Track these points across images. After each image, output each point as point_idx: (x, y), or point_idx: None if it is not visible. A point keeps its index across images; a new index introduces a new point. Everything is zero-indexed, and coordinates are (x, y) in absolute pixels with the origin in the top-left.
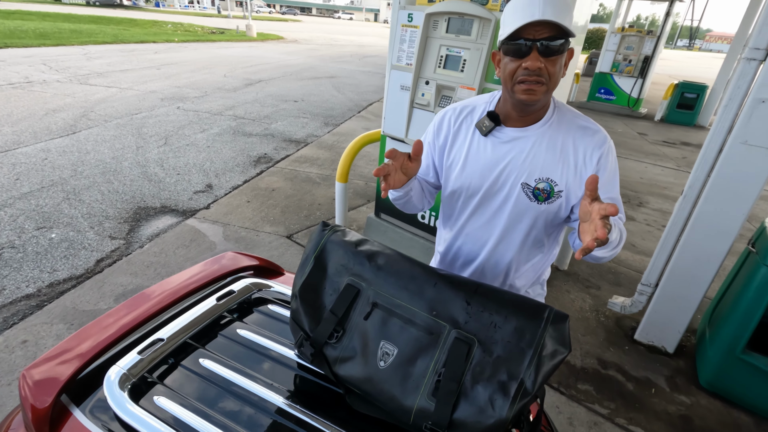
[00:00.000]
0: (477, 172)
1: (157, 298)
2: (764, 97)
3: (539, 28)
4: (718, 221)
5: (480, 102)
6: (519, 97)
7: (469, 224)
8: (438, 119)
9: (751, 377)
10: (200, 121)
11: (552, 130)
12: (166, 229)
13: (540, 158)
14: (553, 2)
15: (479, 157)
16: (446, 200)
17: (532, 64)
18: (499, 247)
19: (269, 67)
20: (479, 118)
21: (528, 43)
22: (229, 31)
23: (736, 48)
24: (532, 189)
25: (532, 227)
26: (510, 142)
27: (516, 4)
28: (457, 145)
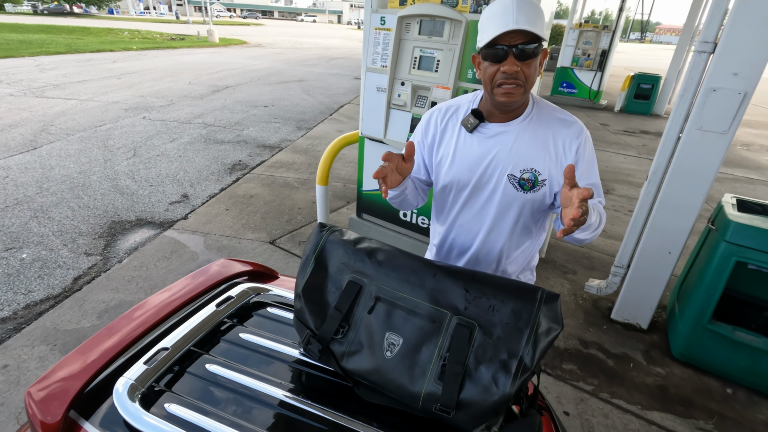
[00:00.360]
0: (465, 167)
1: (155, 308)
2: (715, 86)
3: (514, 35)
4: (680, 203)
5: (464, 101)
6: (499, 99)
7: (461, 216)
8: (425, 120)
9: (718, 345)
10: (169, 131)
11: (532, 124)
12: (144, 242)
13: (523, 150)
14: (525, 11)
15: (466, 152)
16: (438, 195)
17: (509, 68)
18: (490, 235)
19: (235, 72)
20: (464, 116)
21: (504, 49)
22: (189, 37)
23: (684, 39)
24: (518, 179)
25: (520, 215)
26: (494, 137)
27: (492, 12)
28: (444, 143)
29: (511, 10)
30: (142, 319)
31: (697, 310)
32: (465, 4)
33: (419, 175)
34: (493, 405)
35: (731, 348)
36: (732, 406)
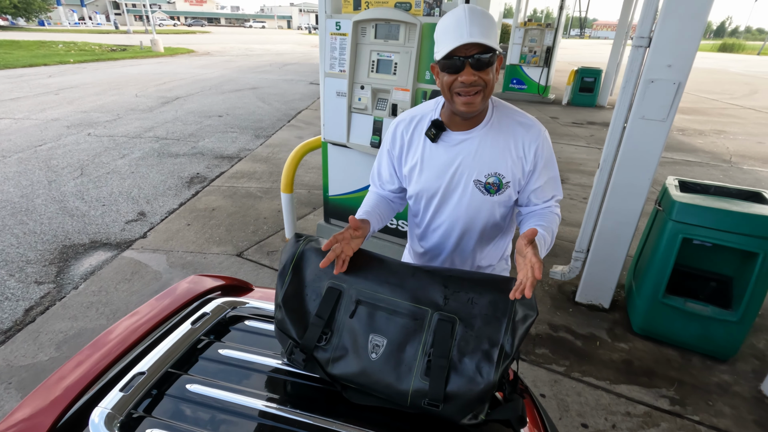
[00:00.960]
0: (433, 175)
1: (126, 332)
2: (653, 78)
3: (469, 46)
4: (630, 187)
5: (427, 110)
6: (459, 108)
7: (434, 221)
8: (392, 131)
9: (673, 317)
10: (118, 147)
11: (494, 129)
12: (101, 265)
13: (486, 156)
14: (478, 23)
15: (433, 161)
16: (411, 202)
17: (466, 78)
18: (463, 238)
19: (184, 82)
20: (428, 125)
21: (461, 60)
22: (131, 47)
23: (620, 34)
24: (484, 184)
25: (490, 216)
26: (458, 144)
27: (446, 24)
28: (411, 153)
29: (464, 22)
30: (113, 345)
31: (652, 286)
32: (418, 7)
33: (394, 184)
34: (479, 394)
35: (684, 319)
36: (689, 372)
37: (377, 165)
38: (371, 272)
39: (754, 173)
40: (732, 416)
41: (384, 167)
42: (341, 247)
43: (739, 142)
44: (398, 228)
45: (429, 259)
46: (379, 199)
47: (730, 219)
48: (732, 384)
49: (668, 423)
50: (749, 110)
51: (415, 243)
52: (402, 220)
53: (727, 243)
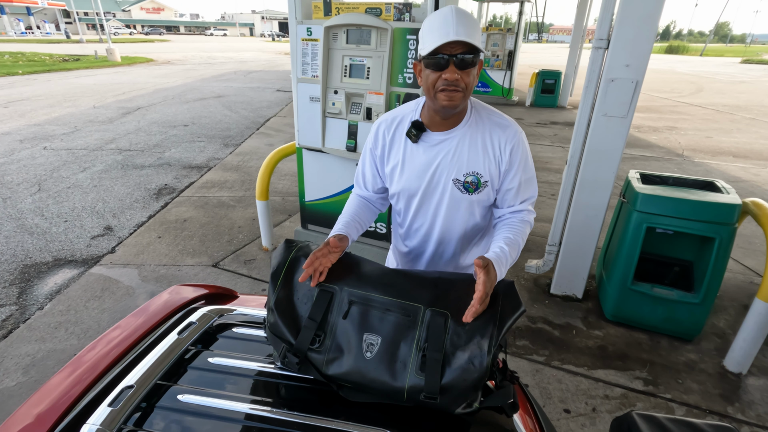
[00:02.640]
0: (414, 175)
1: (110, 346)
2: (613, 77)
3: (454, 45)
4: (596, 180)
5: (408, 111)
6: (441, 103)
7: (415, 221)
8: (373, 132)
9: (642, 302)
10: (77, 160)
11: (472, 129)
12: (67, 283)
13: (465, 155)
14: (464, 23)
15: (414, 161)
16: (393, 202)
17: (450, 75)
18: (444, 237)
19: (145, 92)
20: (408, 127)
21: (446, 58)
22: (86, 57)
23: (576, 38)
24: (462, 183)
25: (470, 215)
26: (438, 144)
27: (432, 23)
28: (393, 153)
29: (451, 21)
30: (96, 360)
31: (621, 275)
32: (388, 13)
33: (376, 184)
34: (473, 382)
35: (652, 303)
36: (659, 353)
37: (361, 166)
38: (362, 274)
39: (704, 165)
40: (700, 392)
41: (367, 167)
42: (319, 262)
43: (690, 137)
44: (376, 230)
45: (413, 258)
46: (360, 204)
47: (689, 207)
48: (698, 362)
49: (643, 402)
50: (696, 107)
51: (399, 242)
52: (380, 222)
53: (687, 230)
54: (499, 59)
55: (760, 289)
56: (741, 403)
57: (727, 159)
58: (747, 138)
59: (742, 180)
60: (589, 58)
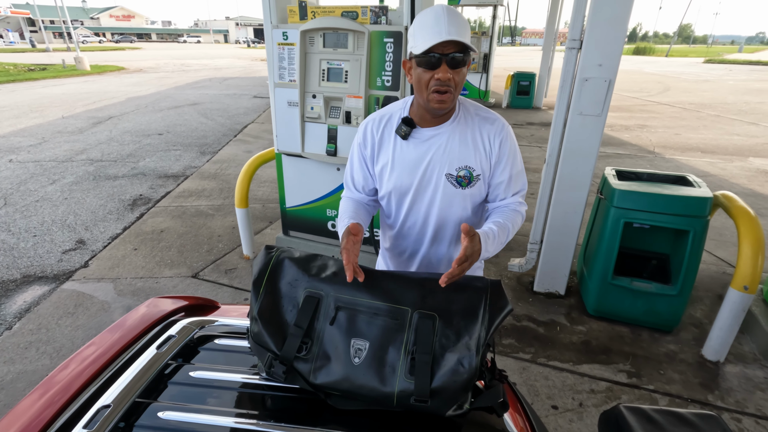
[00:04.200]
0: (406, 172)
1: (84, 365)
2: (587, 77)
3: (447, 44)
4: (574, 178)
5: (395, 109)
6: (433, 106)
7: (408, 219)
8: (361, 132)
9: (622, 296)
10: (46, 172)
11: (461, 124)
12: (37, 300)
13: (456, 150)
14: (456, 22)
15: (405, 158)
16: (384, 202)
17: (443, 75)
18: (438, 234)
19: (117, 101)
20: (397, 123)
21: (438, 57)
22: (53, 66)
23: (548, 40)
24: (455, 177)
25: (463, 210)
26: (428, 140)
27: (424, 21)
28: (383, 152)
29: (443, 20)
30: (69, 380)
31: (601, 270)
32: (365, 16)
33: (368, 185)
34: (463, 384)
35: (632, 297)
36: (640, 345)
37: (350, 168)
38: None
39: (674, 161)
40: (681, 381)
41: (357, 169)
42: (352, 256)
43: (660, 134)
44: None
45: (407, 258)
46: (357, 205)
47: (663, 202)
48: (678, 352)
49: (628, 395)
50: (664, 106)
51: (391, 245)
52: None
53: (663, 224)
54: (474, 62)
55: (733, 279)
56: (720, 390)
57: (695, 155)
58: (713, 134)
59: (710, 174)
60: (564, 59)
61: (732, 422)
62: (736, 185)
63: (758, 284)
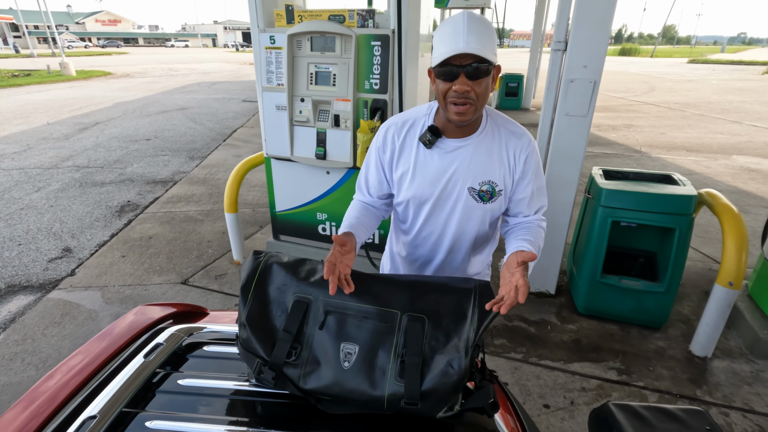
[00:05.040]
0: (427, 181)
1: (69, 375)
2: (572, 78)
3: (465, 55)
4: (562, 178)
5: (420, 115)
6: (451, 117)
7: (425, 229)
8: (381, 136)
9: (611, 294)
10: (31, 180)
11: (487, 138)
12: (22, 310)
13: (481, 164)
14: (476, 32)
15: (427, 167)
16: (401, 208)
17: (460, 87)
18: (455, 246)
19: (103, 107)
20: (421, 131)
21: (456, 68)
22: (38, 72)
23: (535, 42)
24: (478, 191)
25: (481, 223)
26: (453, 151)
27: (444, 31)
28: (404, 158)
29: (462, 31)
30: (55, 391)
31: (590, 269)
32: (352, 19)
33: (382, 190)
34: (453, 385)
35: (621, 295)
36: (630, 342)
37: (365, 171)
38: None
39: (661, 160)
40: (670, 377)
41: (372, 172)
42: (337, 269)
43: (646, 133)
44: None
45: (419, 266)
46: (363, 208)
47: (650, 200)
48: (666, 349)
49: (618, 392)
50: (650, 105)
51: (403, 251)
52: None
53: (649, 222)
54: None
55: (719, 275)
56: (708, 385)
57: (680, 153)
58: (697, 133)
59: (695, 173)
60: (549, 60)
61: (720, 417)
62: (721, 183)
63: (743, 280)
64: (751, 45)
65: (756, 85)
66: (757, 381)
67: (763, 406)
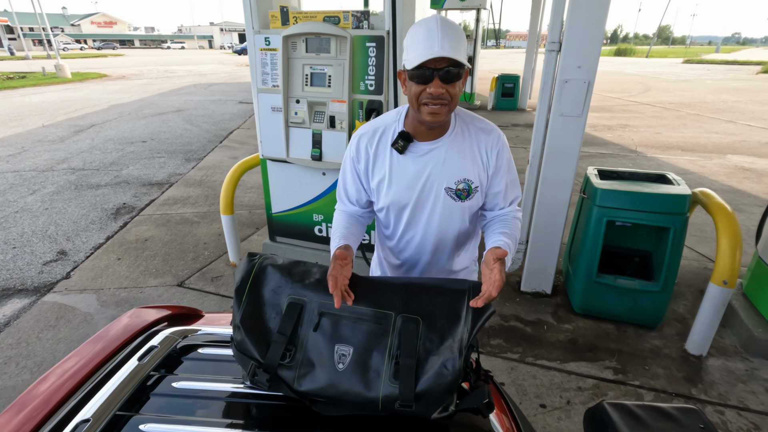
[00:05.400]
0: (404, 187)
1: (63, 377)
2: (567, 78)
3: (439, 59)
4: (557, 178)
5: (389, 121)
6: (425, 118)
7: (408, 232)
8: (354, 145)
9: (607, 294)
10: (26, 182)
11: (458, 137)
12: (17, 314)
13: (455, 163)
14: (449, 36)
15: (402, 173)
16: (381, 214)
17: (435, 90)
18: (439, 245)
19: (99, 109)
20: (392, 138)
21: (430, 71)
22: (33, 74)
23: (531, 43)
24: (455, 191)
25: (461, 222)
26: (426, 154)
27: (418, 34)
28: (378, 166)
29: (436, 35)
30: (49, 394)
31: (586, 268)
32: (347, 21)
33: (361, 199)
34: (447, 386)
35: (616, 294)
36: (625, 342)
37: (342, 182)
38: None
39: (656, 160)
40: (665, 376)
41: (350, 183)
42: (339, 282)
43: (641, 133)
44: (326, 236)
45: (406, 270)
46: (349, 219)
47: (644, 200)
48: (662, 347)
49: (614, 391)
50: (646, 105)
51: (390, 256)
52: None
53: (644, 221)
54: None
55: (713, 274)
56: (703, 384)
57: (676, 153)
58: (692, 133)
59: (690, 172)
60: (544, 61)
61: (715, 415)
62: (715, 182)
63: (737, 278)
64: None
65: (750, 84)
66: (752, 379)
67: (758, 404)
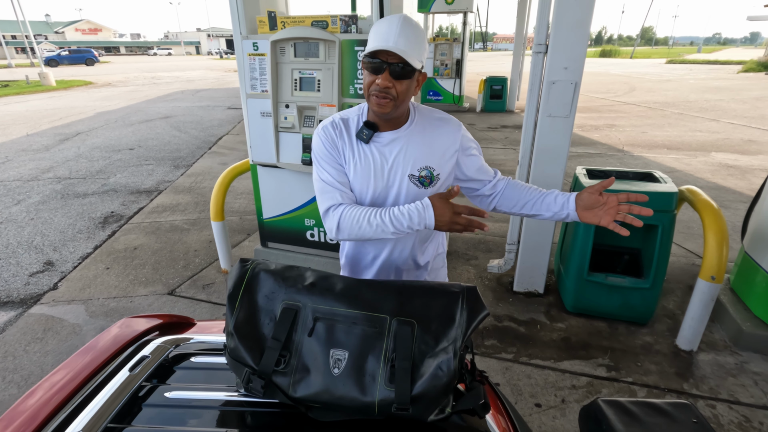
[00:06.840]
0: (370, 175)
1: (52, 391)
2: (554, 79)
3: (392, 54)
4: (547, 178)
5: (351, 114)
6: (372, 108)
7: None
8: (322, 137)
9: (598, 291)
10: (10, 193)
11: (418, 127)
12: (2, 327)
13: (416, 151)
14: (406, 35)
15: (367, 162)
16: None
17: (382, 82)
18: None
19: (85, 117)
20: (356, 128)
21: (382, 63)
22: (16, 82)
23: (518, 45)
24: (417, 177)
25: None
26: (390, 143)
27: (379, 26)
28: (346, 156)
29: (395, 29)
30: (36, 409)
31: (577, 267)
32: (335, 25)
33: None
34: (443, 388)
35: (607, 292)
36: (618, 339)
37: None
38: (326, 288)
39: (643, 158)
40: (657, 372)
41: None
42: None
43: (627, 133)
44: (327, 242)
45: (371, 260)
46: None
47: None
48: (653, 344)
49: (608, 388)
50: (631, 105)
51: (353, 248)
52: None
53: None
54: (448, 68)
55: (701, 270)
56: (695, 378)
57: (661, 151)
58: (677, 131)
59: (676, 170)
60: (531, 63)
61: (707, 409)
62: (701, 179)
63: (725, 274)
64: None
65: (732, 83)
66: (742, 372)
67: (748, 397)
